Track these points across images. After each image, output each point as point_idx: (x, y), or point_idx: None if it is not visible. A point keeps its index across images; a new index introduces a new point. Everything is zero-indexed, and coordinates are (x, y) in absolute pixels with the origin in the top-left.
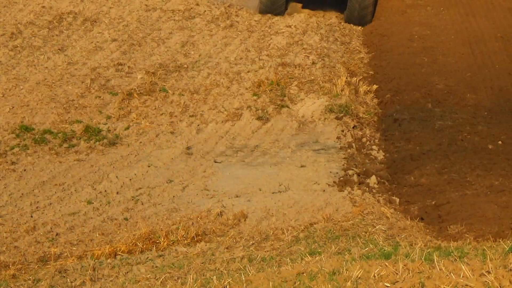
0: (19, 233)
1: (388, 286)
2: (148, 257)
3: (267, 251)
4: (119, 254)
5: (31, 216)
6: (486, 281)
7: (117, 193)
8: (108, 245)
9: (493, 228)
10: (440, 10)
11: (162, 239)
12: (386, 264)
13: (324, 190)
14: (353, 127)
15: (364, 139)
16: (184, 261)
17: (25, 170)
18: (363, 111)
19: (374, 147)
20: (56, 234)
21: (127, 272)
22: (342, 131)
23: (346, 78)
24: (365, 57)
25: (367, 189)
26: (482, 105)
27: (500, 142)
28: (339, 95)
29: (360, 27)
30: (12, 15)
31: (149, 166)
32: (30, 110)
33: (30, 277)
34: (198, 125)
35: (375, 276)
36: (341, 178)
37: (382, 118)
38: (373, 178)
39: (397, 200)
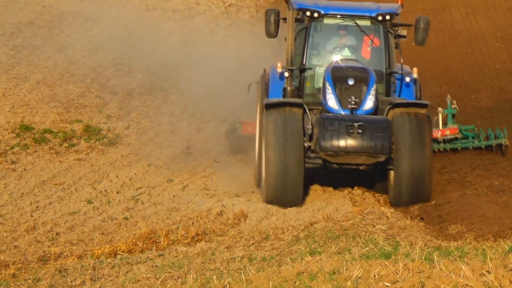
0: (19, 233)
1: (388, 286)
2: (148, 257)
3: (267, 250)
4: (119, 254)
5: (31, 216)
6: (486, 281)
7: (117, 192)
8: (108, 245)
9: (493, 228)
10: (441, 10)
11: (162, 238)
12: (386, 263)
13: (324, 190)
14: None
15: None
16: (184, 260)
17: (25, 170)
18: None
19: None
20: (56, 234)
21: (127, 272)
22: None
23: None
24: None
25: (367, 188)
26: (482, 105)
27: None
28: None
29: None
30: (12, 14)
31: (149, 166)
32: (30, 110)
33: (30, 277)
34: (198, 124)
35: (375, 276)
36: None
37: None
38: None
39: None
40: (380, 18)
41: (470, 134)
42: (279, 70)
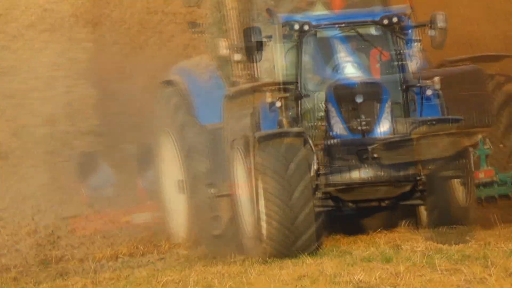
0: (20, 236)
1: None
2: (149, 260)
3: None
4: (120, 257)
5: (32, 219)
6: (487, 285)
7: (119, 195)
8: (109, 248)
9: (495, 231)
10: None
11: (164, 242)
12: (388, 267)
13: None
14: None
15: None
16: (185, 264)
17: (26, 173)
18: None
19: None
20: (57, 237)
21: (128, 275)
22: None
23: None
24: None
25: None
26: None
27: (501, 145)
28: None
29: None
30: (13, 18)
31: None
32: (32, 112)
33: (31, 280)
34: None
35: (376, 279)
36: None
37: None
38: None
39: None
40: (386, 21)
41: (509, 180)
42: (269, 99)
